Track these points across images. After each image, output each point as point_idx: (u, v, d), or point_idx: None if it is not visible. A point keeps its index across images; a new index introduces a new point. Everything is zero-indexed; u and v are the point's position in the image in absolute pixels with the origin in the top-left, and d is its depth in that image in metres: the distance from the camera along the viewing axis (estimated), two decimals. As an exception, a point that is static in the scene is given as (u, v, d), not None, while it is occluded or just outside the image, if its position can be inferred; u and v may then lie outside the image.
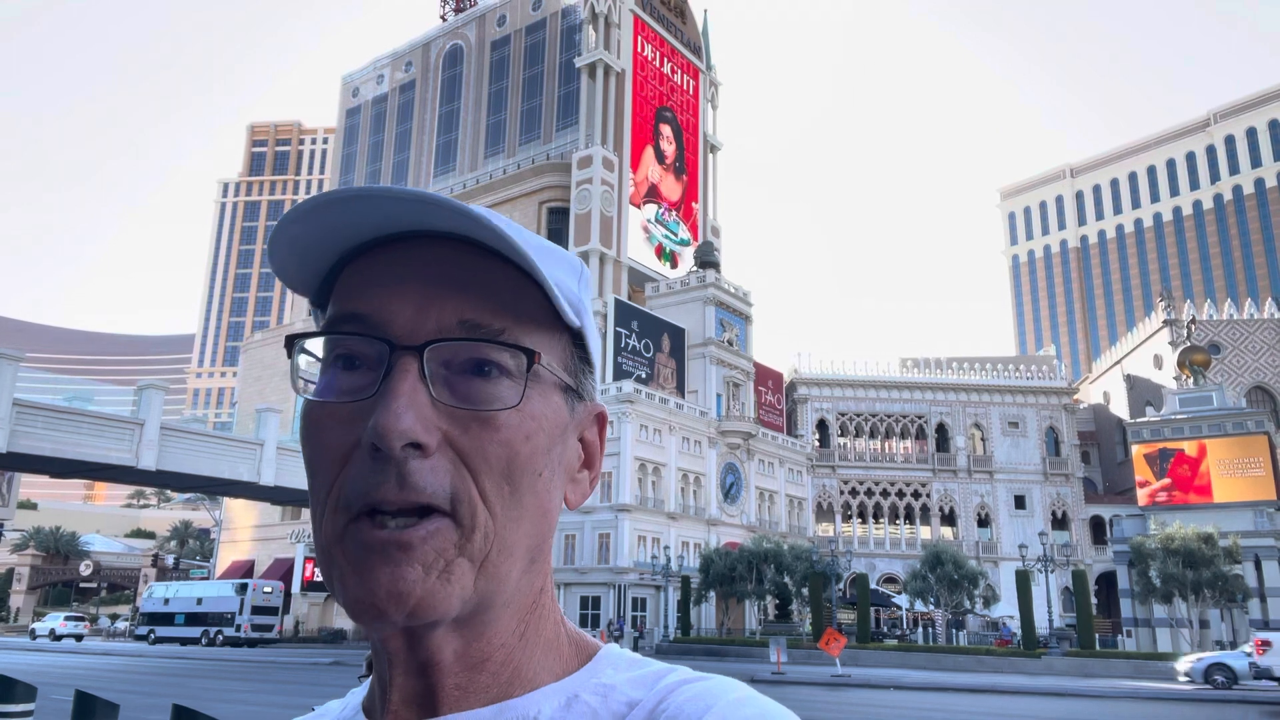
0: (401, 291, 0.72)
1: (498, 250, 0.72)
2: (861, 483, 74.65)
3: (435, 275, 0.72)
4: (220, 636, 54.49)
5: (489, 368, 0.71)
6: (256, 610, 54.49)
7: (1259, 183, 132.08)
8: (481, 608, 0.71)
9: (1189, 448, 60.17)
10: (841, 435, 76.32)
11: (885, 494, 74.51)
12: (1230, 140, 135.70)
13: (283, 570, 65.79)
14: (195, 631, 55.51)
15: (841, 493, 74.29)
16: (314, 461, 0.72)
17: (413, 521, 0.67)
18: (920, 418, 76.42)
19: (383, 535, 0.67)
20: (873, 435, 76.61)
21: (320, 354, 0.74)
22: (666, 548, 55.24)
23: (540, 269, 0.71)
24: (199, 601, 56.74)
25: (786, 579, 49.71)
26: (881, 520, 74.34)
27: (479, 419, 0.70)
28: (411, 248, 0.73)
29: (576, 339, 0.79)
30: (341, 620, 63.90)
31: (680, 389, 65.75)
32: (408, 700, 0.73)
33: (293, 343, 0.74)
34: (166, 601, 58.34)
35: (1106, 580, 67.74)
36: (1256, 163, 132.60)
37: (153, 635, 57.49)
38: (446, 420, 0.69)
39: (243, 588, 55.48)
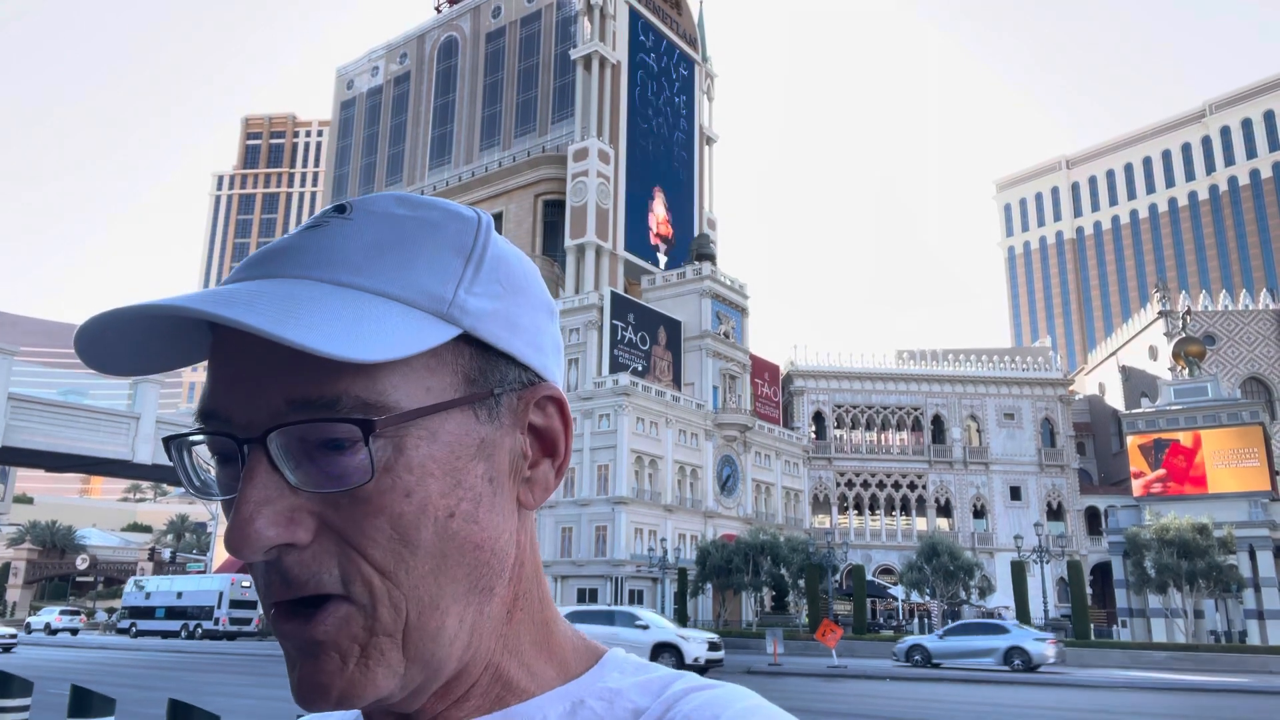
0: (232, 379, 0.65)
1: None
2: (858, 474, 74.81)
3: (255, 357, 0.64)
4: (199, 630, 55.34)
5: (340, 442, 0.63)
6: (235, 604, 55.34)
7: (1254, 174, 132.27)
8: (431, 666, 0.66)
9: (1184, 439, 60.37)
10: (838, 427, 76.45)
11: (881, 486, 74.68)
12: (1226, 131, 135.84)
13: (279, 564, 65.83)
14: (175, 625, 56.43)
15: (838, 484, 74.45)
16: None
17: (312, 612, 0.63)
18: (916, 409, 76.57)
19: (289, 628, 0.64)
20: (869, 427, 76.75)
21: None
22: (663, 540, 55.34)
23: (290, 336, 0.58)
24: (179, 596, 57.68)
25: (783, 571, 49.83)
26: (878, 512, 74.53)
27: (349, 495, 0.63)
28: (231, 333, 0.65)
29: (469, 337, 0.68)
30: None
31: (677, 381, 65.78)
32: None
33: (169, 445, 0.68)
34: (148, 596, 59.26)
35: (1102, 571, 68.06)
36: (1252, 154, 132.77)
37: (134, 629, 58.41)
38: (318, 503, 0.63)
39: (222, 582, 56.59)
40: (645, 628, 27.03)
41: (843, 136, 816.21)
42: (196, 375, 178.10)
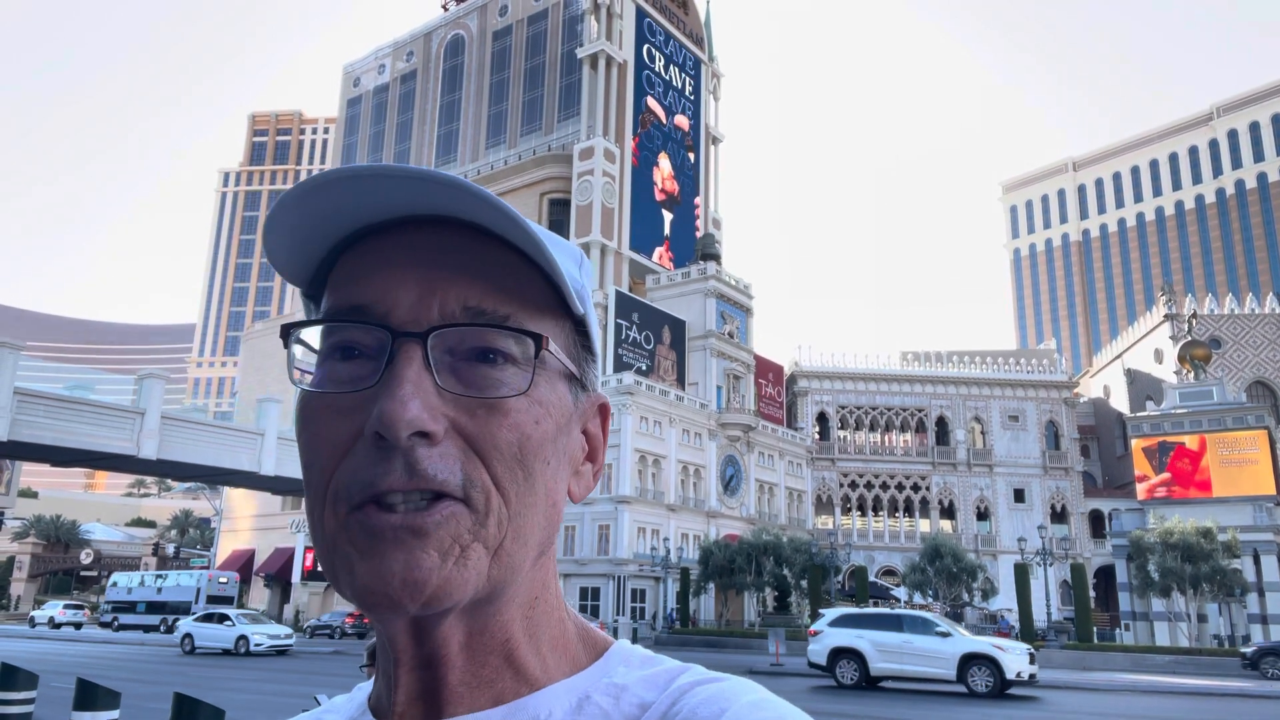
0: (402, 278, 0.69)
1: (500, 235, 0.70)
2: (861, 475, 74.73)
3: (437, 260, 0.69)
4: (177, 624, 56.55)
5: (494, 355, 0.68)
6: (212, 599, 56.68)
7: (1261, 177, 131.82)
8: (492, 597, 0.69)
9: (1189, 442, 60.20)
10: (841, 428, 76.37)
11: (885, 487, 74.60)
12: (1233, 134, 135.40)
13: (283, 560, 65.95)
14: (155, 619, 57.93)
15: (841, 485, 74.38)
16: (311, 452, 0.69)
17: (424, 505, 0.65)
18: (920, 411, 76.46)
19: (394, 520, 0.64)
20: (872, 428, 76.65)
21: (317, 345, 0.71)
22: (666, 539, 55.34)
23: (551, 254, 0.69)
24: (159, 591, 59.41)
25: (786, 571, 49.80)
26: (881, 513, 74.45)
27: (487, 405, 0.67)
28: (411, 232, 0.70)
29: (579, 327, 0.77)
30: (342, 609, 64.04)
31: (680, 381, 65.78)
32: (413, 698, 0.71)
33: (289, 332, 0.71)
34: (130, 591, 60.89)
35: (1105, 574, 67.90)
36: (1259, 157, 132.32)
37: (116, 622, 59.95)
38: (453, 408, 0.67)
39: (199, 578, 58.45)
40: (946, 635, 23.20)
41: (849, 137, 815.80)
42: (200, 372, 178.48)
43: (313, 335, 0.71)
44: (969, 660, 22.69)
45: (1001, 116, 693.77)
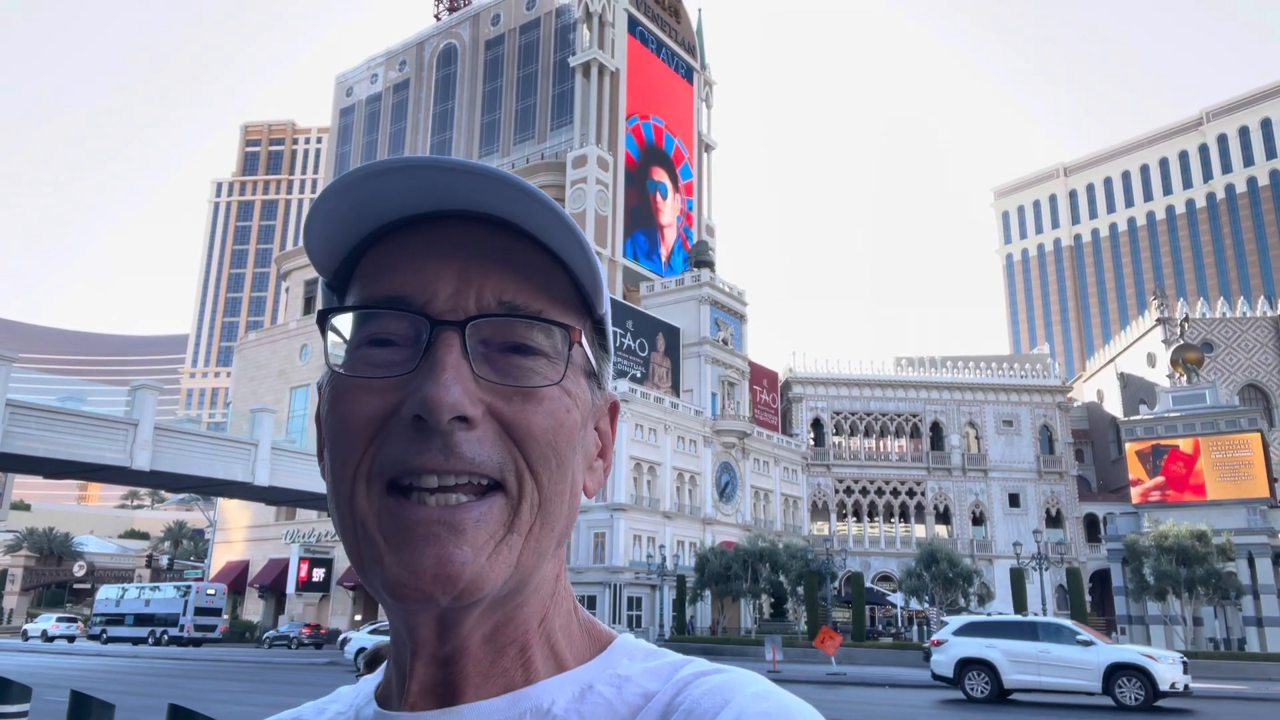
0: (439, 270, 0.71)
1: (532, 234, 0.72)
2: (856, 481, 74.75)
3: (473, 254, 0.72)
4: (165, 636, 56.98)
5: (527, 348, 0.71)
6: (200, 611, 57.06)
7: (1251, 181, 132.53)
8: (519, 587, 0.71)
9: (1183, 445, 60.33)
10: (836, 434, 76.41)
11: (880, 493, 74.61)
12: (1223, 139, 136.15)
13: (278, 571, 65.63)
14: (143, 631, 58.09)
15: (836, 491, 74.38)
16: (341, 432, 0.70)
17: (457, 500, 0.67)
18: (915, 416, 76.54)
19: (426, 513, 0.66)
20: (867, 434, 76.71)
21: (348, 333, 0.73)
22: (662, 547, 55.26)
23: (592, 253, 0.72)
24: (147, 603, 59.55)
25: (782, 578, 49.74)
26: (876, 519, 74.45)
27: (522, 394, 0.70)
28: (445, 227, 0.73)
29: (597, 327, 0.80)
30: (337, 621, 63.78)
31: (675, 388, 65.76)
32: (426, 690, 0.72)
33: (326, 318, 0.73)
34: (118, 603, 61.11)
35: (1101, 578, 67.95)
36: (1249, 161, 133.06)
37: (105, 635, 60.13)
38: (489, 396, 0.69)
39: (186, 590, 58.32)
40: (1089, 643, 21.39)
41: (841, 143, 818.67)
42: (193, 382, 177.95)
43: (344, 324, 0.73)
44: (1116, 670, 20.81)
45: (993, 121, 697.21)
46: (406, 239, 0.73)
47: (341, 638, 43.17)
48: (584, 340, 0.75)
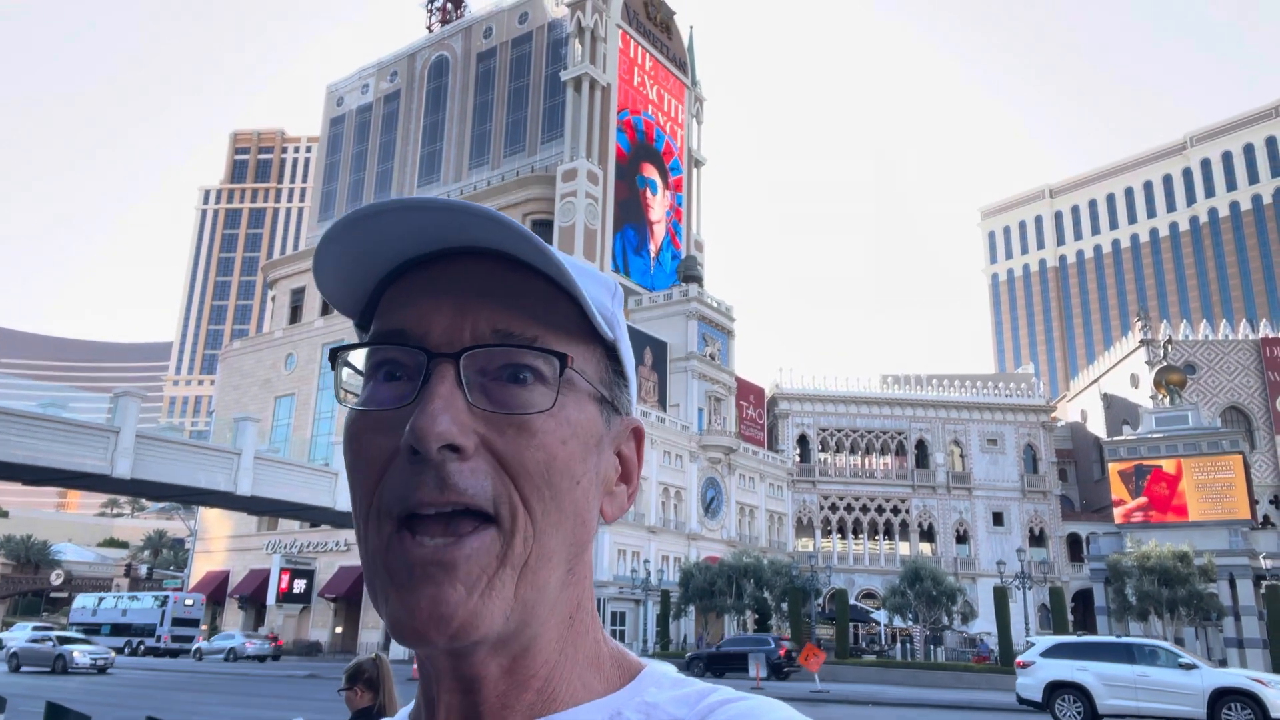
0: (438, 304, 0.74)
1: (529, 263, 0.74)
2: (841, 498, 74.83)
3: (469, 288, 0.74)
4: (142, 647, 56.44)
5: (524, 374, 0.72)
6: (177, 622, 56.58)
7: (1234, 206, 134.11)
8: (525, 622, 0.71)
9: (1165, 466, 60.74)
10: (822, 450, 76.53)
11: (865, 510, 74.72)
12: (1206, 164, 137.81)
13: (258, 581, 65.04)
14: (120, 641, 57.14)
15: (821, 508, 74.44)
16: (355, 470, 0.73)
17: (452, 540, 0.68)
18: (900, 434, 76.77)
19: (423, 553, 0.67)
20: (853, 451, 76.86)
21: (363, 369, 0.77)
22: (646, 561, 55.11)
23: (574, 280, 0.73)
24: (124, 613, 58.95)
25: (766, 594, 49.66)
26: (861, 536, 74.52)
27: (515, 424, 0.71)
28: (447, 264, 0.75)
29: (611, 353, 0.81)
30: (317, 633, 63.23)
31: (662, 403, 65.77)
32: (453, 717, 0.74)
33: (336, 355, 0.76)
34: (94, 612, 60.40)
35: (1083, 598, 68.15)
36: (1232, 186, 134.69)
37: None
38: (484, 425, 0.70)
39: (164, 600, 57.76)
40: (1191, 667, 20.28)
41: (830, 161, 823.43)
42: (177, 390, 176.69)
43: (359, 360, 0.77)
44: (1222, 695, 19.68)
45: (981, 142, 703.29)
46: (413, 278, 0.76)
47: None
48: (580, 366, 0.76)
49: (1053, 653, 22.19)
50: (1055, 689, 21.42)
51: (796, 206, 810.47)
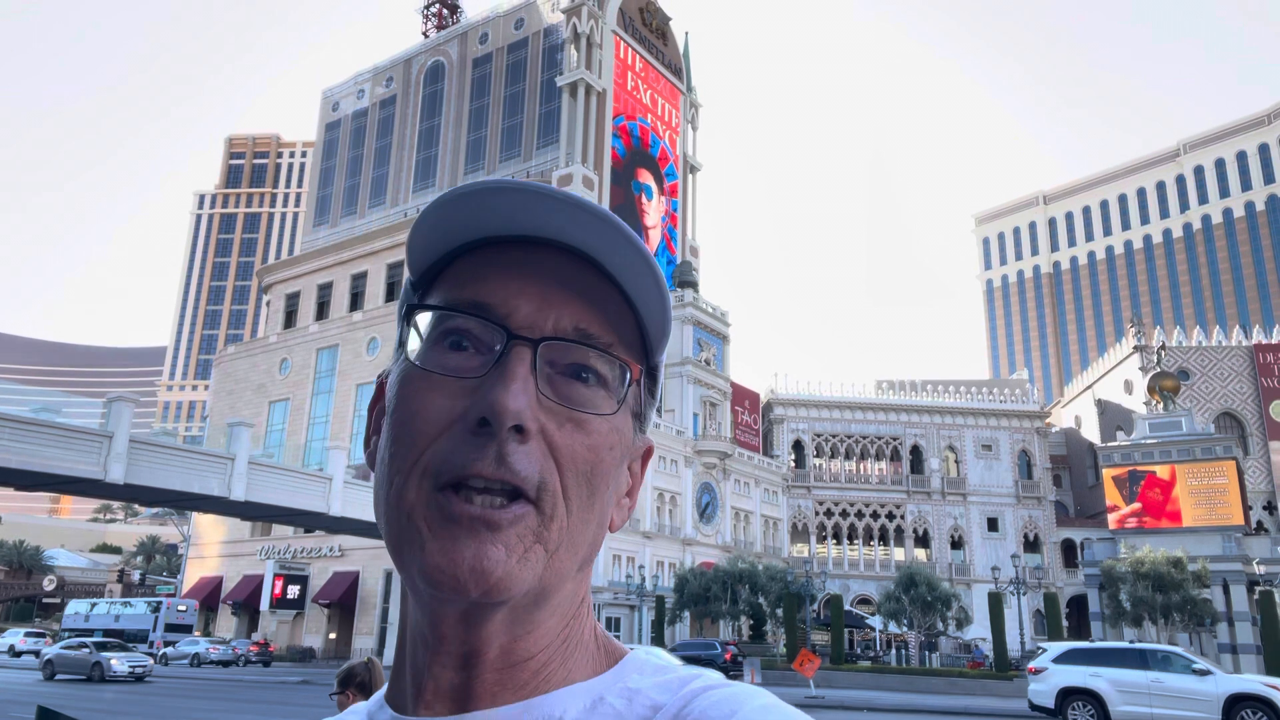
0: (524, 288, 0.76)
1: (611, 275, 0.78)
2: (836, 504, 74.84)
3: (556, 281, 0.77)
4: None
5: (590, 375, 0.76)
6: (170, 628, 56.60)
7: (1227, 212, 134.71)
8: (538, 602, 0.74)
9: (1159, 472, 60.91)
10: (817, 456, 76.55)
11: (860, 515, 74.72)
12: (1199, 171, 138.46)
13: (252, 587, 64.79)
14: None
15: (816, 514, 74.43)
16: (407, 425, 0.74)
17: (500, 502, 0.71)
18: (895, 439, 76.84)
19: (472, 510, 0.70)
20: (848, 456, 76.90)
21: (424, 329, 0.78)
22: (641, 567, 55.03)
23: (669, 309, 0.80)
24: (116, 619, 58.97)
25: (761, 599, 49.62)
26: (856, 541, 74.51)
27: (575, 419, 0.74)
28: (535, 252, 0.77)
29: (650, 373, 0.84)
30: (311, 639, 62.98)
31: (657, 408, 65.71)
32: (443, 693, 0.75)
33: (412, 312, 0.79)
34: (87, 618, 60.38)
35: (1077, 603, 68.23)
36: (1225, 193, 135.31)
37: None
38: (545, 414, 0.73)
39: (157, 606, 57.80)
40: (1205, 673, 20.17)
41: (825, 168, 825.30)
42: (171, 395, 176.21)
43: (423, 322, 0.78)
44: (1237, 702, 19.48)
45: (976, 149, 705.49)
46: (498, 255, 0.78)
47: None
48: (640, 382, 0.81)
49: (1065, 658, 21.96)
50: (1068, 695, 21.22)
51: (792, 213, 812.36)
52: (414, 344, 0.78)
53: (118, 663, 35.62)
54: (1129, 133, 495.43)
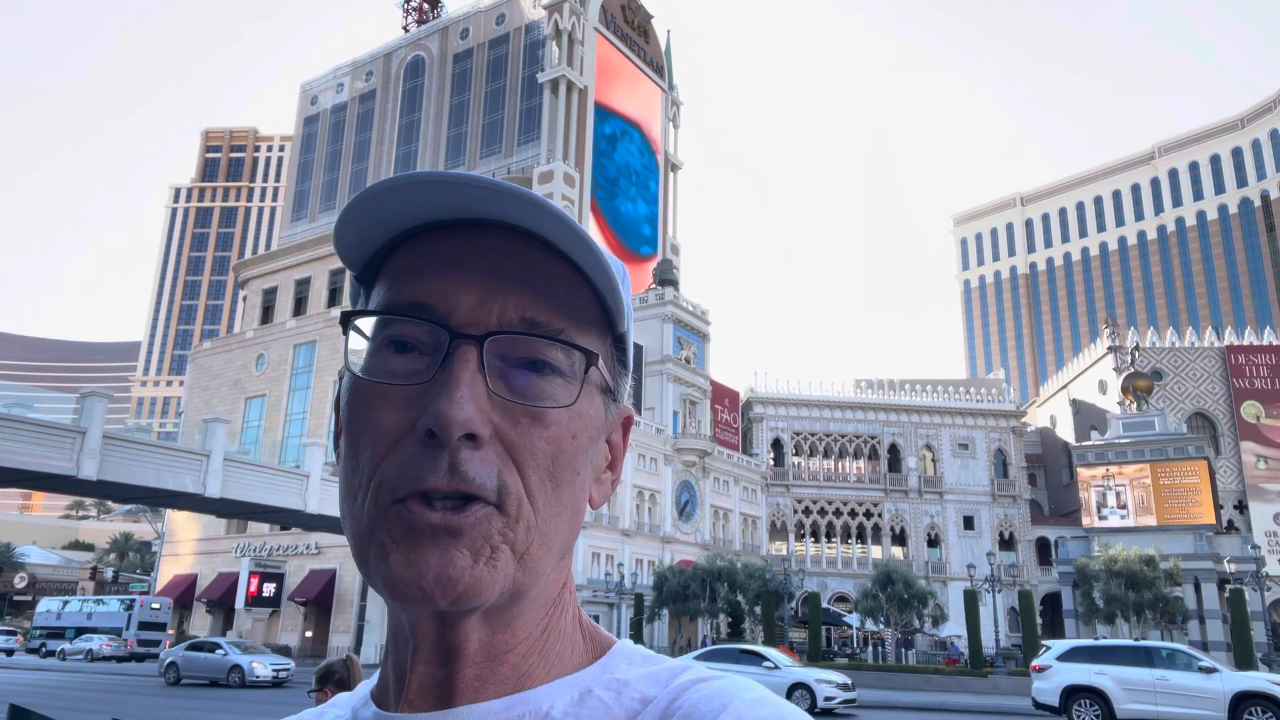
0: (464, 281, 0.72)
1: (561, 250, 0.73)
2: (815, 502, 75.19)
3: (498, 268, 0.72)
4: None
5: (544, 366, 0.72)
6: (144, 626, 55.97)
7: (1200, 215, 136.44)
8: (515, 599, 0.72)
9: (1132, 471, 61.60)
10: (796, 454, 76.86)
11: (838, 513, 75.11)
12: (1174, 173, 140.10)
13: (227, 585, 64.20)
14: (84, 645, 56.38)
15: (795, 512, 74.75)
16: (360, 440, 0.71)
17: (460, 504, 0.68)
18: (873, 438, 77.28)
19: (433, 518, 0.67)
20: (826, 455, 77.27)
21: (369, 331, 0.74)
22: (620, 565, 55.06)
23: (614, 278, 0.74)
24: (89, 616, 58.27)
25: (739, 597, 49.77)
26: (834, 539, 74.91)
27: (531, 414, 0.70)
28: (472, 235, 0.73)
29: (617, 342, 0.81)
30: (287, 637, 62.50)
31: (637, 406, 65.77)
32: (426, 689, 0.73)
33: (348, 320, 0.74)
34: (59, 616, 59.80)
35: (1051, 601, 68.94)
36: (1198, 196, 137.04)
37: (44, 648, 58.81)
38: (498, 413, 0.70)
39: (130, 603, 57.10)
40: (1211, 671, 20.50)
41: (805, 167, 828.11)
42: (145, 391, 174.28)
43: (365, 323, 0.74)
44: (1243, 700, 19.40)
45: (955, 149, 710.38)
46: (433, 245, 0.74)
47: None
48: (601, 363, 0.76)
49: (1069, 656, 21.89)
50: (1072, 693, 21.11)
51: (773, 212, 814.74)
52: (360, 349, 0.74)
53: (260, 667, 33.23)
54: (1106, 135, 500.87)
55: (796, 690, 24.44)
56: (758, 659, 25.96)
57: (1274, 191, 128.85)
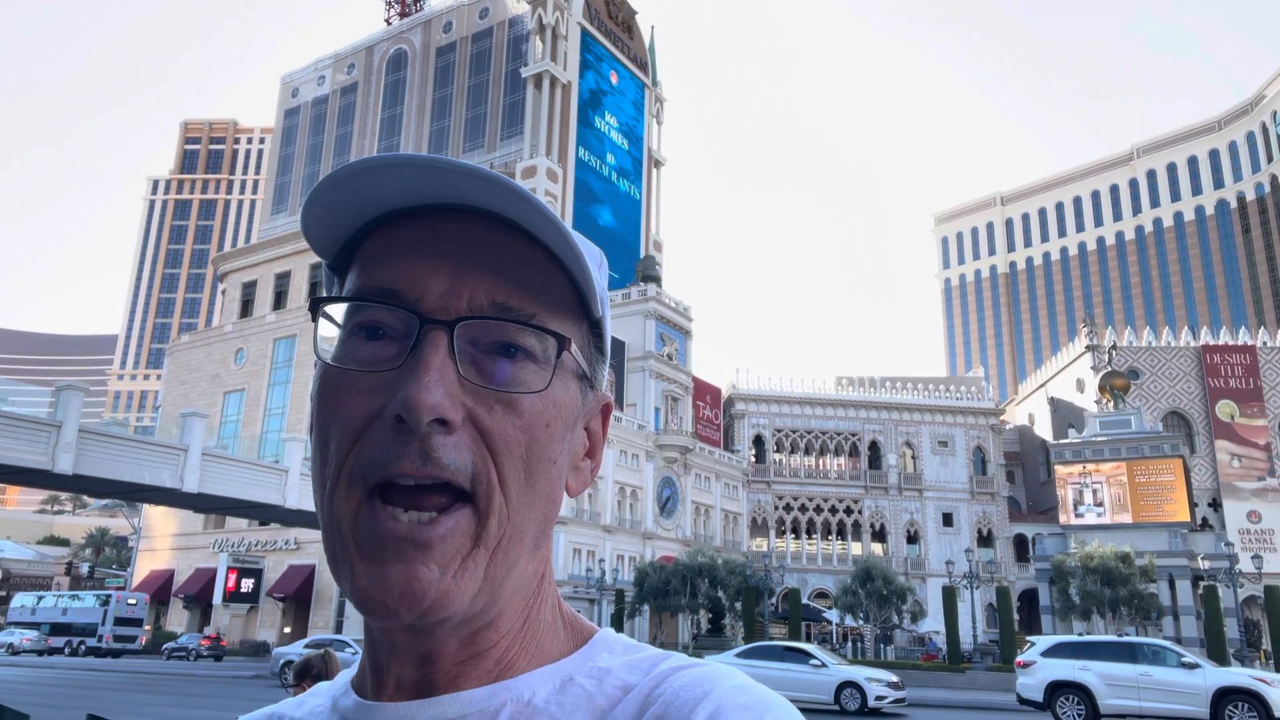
0: (433, 266, 0.71)
1: (531, 233, 0.72)
2: (796, 498, 75.47)
3: (469, 253, 0.71)
4: (83, 647, 55.20)
5: (516, 351, 0.70)
6: (120, 621, 55.53)
7: (1178, 216, 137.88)
8: (492, 599, 0.70)
9: (1109, 469, 62.21)
10: (777, 451, 77.10)
11: (819, 510, 75.43)
12: (1152, 175, 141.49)
13: (204, 580, 63.74)
14: (60, 641, 56.10)
15: (776, 508, 74.99)
16: (329, 429, 0.70)
17: (428, 519, 0.66)
18: (854, 435, 77.65)
19: (398, 529, 0.66)
20: (807, 452, 77.56)
21: (340, 319, 0.73)
22: (601, 560, 55.08)
23: (585, 260, 0.73)
24: (64, 612, 57.68)
25: (720, 593, 49.91)
26: (814, 536, 75.23)
27: (503, 401, 0.70)
28: (441, 221, 0.72)
29: (593, 328, 0.80)
30: (265, 634, 62.13)
31: (619, 402, 65.76)
32: (403, 686, 0.73)
33: (318, 307, 0.73)
34: (33, 611, 59.16)
35: (1029, 597, 69.55)
36: (1175, 197, 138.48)
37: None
38: (471, 398, 0.69)
39: (106, 599, 56.61)
40: (1194, 666, 20.51)
41: (789, 164, 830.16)
42: (122, 385, 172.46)
43: (337, 311, 0.73)
44: (1225, 695, 19.60)
45: (937, 148, 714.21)
46: (404, 230, 0.73)
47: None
48: (575, 347, 0.75)
49: (1054, 652, 22.04)
50: (1056, 689, 21.23)
51: (757, 210, 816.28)
52: (331, 336, 0.73)
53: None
54: (1086, 136, 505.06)
55: (846, 689, 23.71)
56: (804, 657, 25.19)
57: (1250, 194, 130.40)
